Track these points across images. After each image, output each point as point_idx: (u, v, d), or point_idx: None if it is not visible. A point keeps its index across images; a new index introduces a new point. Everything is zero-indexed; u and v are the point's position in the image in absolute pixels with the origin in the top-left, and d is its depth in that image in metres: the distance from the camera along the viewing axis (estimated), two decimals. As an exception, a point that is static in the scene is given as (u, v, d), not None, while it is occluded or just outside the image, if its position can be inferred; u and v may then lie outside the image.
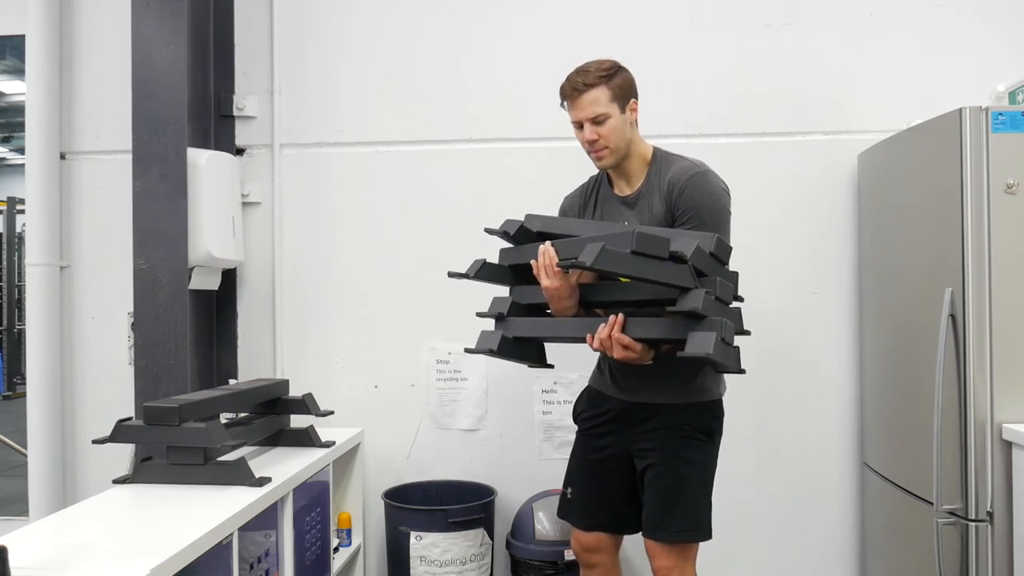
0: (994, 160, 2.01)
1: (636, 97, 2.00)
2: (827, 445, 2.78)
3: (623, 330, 1.75)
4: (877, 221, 2.57)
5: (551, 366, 2.09)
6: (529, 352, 2.00)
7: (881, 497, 2.54)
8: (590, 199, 2.15)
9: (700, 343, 1.64)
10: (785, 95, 2.79)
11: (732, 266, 2.78)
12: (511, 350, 1.97)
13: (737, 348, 1.79)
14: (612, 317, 1.76)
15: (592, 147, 1.99)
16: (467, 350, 2.00)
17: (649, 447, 1.98)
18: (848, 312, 2.77)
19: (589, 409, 2.16)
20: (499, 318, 1.99)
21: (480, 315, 2.02)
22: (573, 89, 1.97)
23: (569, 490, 2.17)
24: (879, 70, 2.78)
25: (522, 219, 2.04)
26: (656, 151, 2.06)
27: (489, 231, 2.02)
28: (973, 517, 2.02)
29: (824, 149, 2.78)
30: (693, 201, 1.90)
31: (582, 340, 1.82)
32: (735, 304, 1.87)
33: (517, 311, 2.00)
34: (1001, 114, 2.01)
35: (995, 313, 2.02)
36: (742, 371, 1.81)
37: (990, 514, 2.01)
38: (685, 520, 1.94)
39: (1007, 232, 2.01)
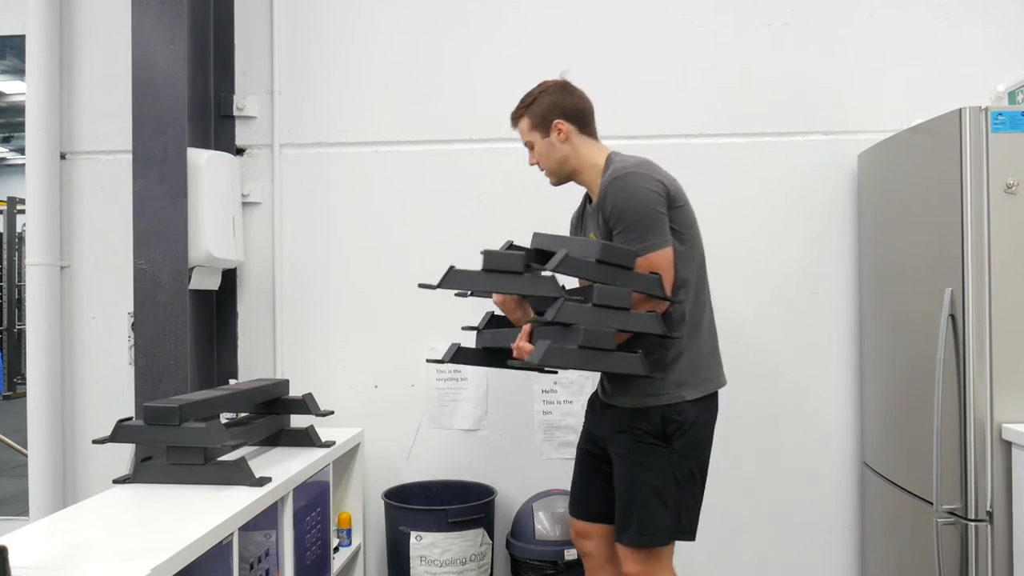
0: (994, 160, 2.01)
1: (562, 116, 2.04)
2: (827, 445, 2.78)
3: (529, 338, 1.85)
4: (877, 221, 2.57)
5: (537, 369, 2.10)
6: (497, 359, 2.06)
7: (881, 497, 2.54)
8: (580, 214, 2.23)
9: (533, 353, 1.75)
10: (785, 95, 2.80)
11: (732, 266, 2.81)
12: (468, 358, 2.11)
13: (630, 354, 1.83)
14: (525, 326, 1.89)
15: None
16: (428, 360, 2.20)
17: (613, 449, 2.02)
18: (848, 312, 2.77)
19: (589, 404, 2.23)
20: (475, 329, 2.15)
21: (465, 328, 2.18)
22: (510, 120, 2.14)
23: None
24: (879, 70, 2.78)
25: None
26: (609, 157, 2.05)
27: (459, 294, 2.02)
28: (973, 517, 2.02)
29: (824, 149, 2.78)
30: (616, 207, 1.91)
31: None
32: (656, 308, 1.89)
33: (493, 323, 2.15)
34: (1001, 114, 2.01)
35: (995, 313, 2.02)
36: (646, 375, 1.84)
37: (990, 514, 2.01)
38: (637, 525, 1.92)
39: (1007, 232, 2.01)
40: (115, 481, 1.91)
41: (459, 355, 2.08)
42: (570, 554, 2.46)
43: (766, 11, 2.81)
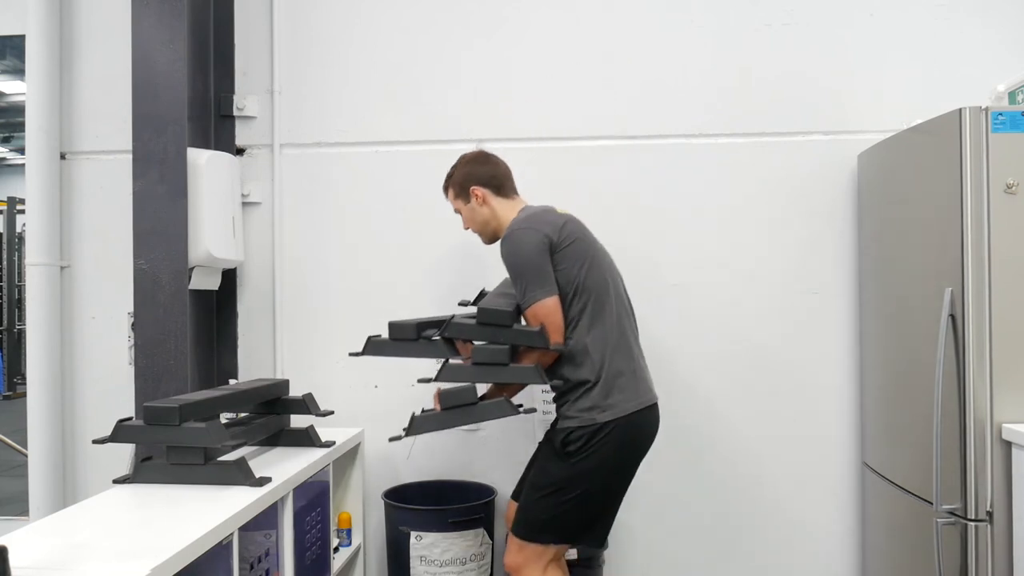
0: (994, 160, 2.01)
1: (478, 183, 2.27)
2: (827, 445, 2.78)
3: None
4: (877, 221, 2.57)
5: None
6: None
7: (881, 497, 2.54)
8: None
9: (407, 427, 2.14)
10: (785, 95, 2.80)
11: (732, 266, 2.81)
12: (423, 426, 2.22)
13: (461, 408, 2.10)
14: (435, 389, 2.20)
15: None
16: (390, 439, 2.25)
17: (536, 452, 2.33)
18: (848, 312, 2.77)
19: None
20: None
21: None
22: (443, 193, 2.40)
23: None
24: (879, 70, 2.78)
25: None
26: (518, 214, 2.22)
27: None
28: (973, 517, 2.02)
29: (824, 149, 2.78)
30: (507, 263, 2.13)
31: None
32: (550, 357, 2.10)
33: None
34: (1001, 114, 2.01)
35: (995, 313, 2.02)
36: (474, 428, 2.11)
37: (990, 514, 2.01)
38: (522, 517, 2.13)
39: (1007, 232, 2.01)
40: (115, 481, 1.91)
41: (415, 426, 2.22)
42: (570, 554, 2.46)
43: (766, 11, 2.81)
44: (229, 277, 2.90)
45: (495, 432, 2.87)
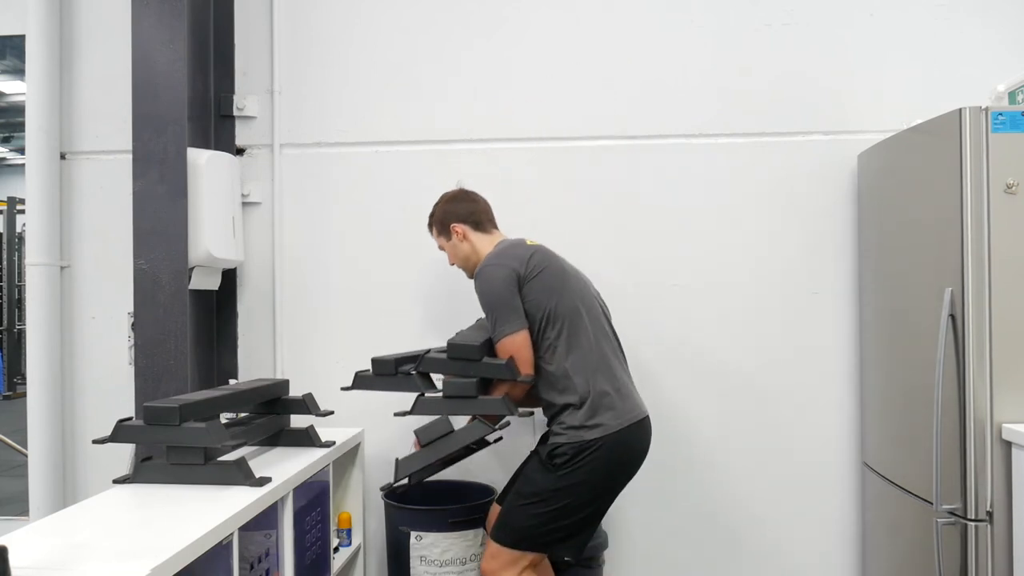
0: (994, 160, 2.01)
1: (457, 220, 2.36)
2: (827, 445, 2.78)
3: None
4: (877, 221, 2.57)
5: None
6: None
7: (881, 497, 2.54)
8: None
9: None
10: (785, 95, 2.80)
11: (733, 267, 2.81)
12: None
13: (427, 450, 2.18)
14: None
15: None
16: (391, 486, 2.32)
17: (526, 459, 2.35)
18: (848, 312, 2.77)
19: None
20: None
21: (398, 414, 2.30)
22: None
23: None
24: (879, 70, 2.78)
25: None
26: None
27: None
28: (973, 517, 2.02)
29: (824, 149, 2.78)
30: (480, 299, 2.20)
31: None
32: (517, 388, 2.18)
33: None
34: (1001, 114, 2.01)
35: (995, 313, 2.02)
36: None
37: (990, 514, 2.01)
38: (501, 520, 2.18)
39: (1007, 232, 2.01)
40: (115, 481, 1.91)
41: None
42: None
43: (766, 11, 2.81)
44: (229, 277, 2.90)
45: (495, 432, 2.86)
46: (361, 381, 2.31)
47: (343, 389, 2.37)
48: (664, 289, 2.80)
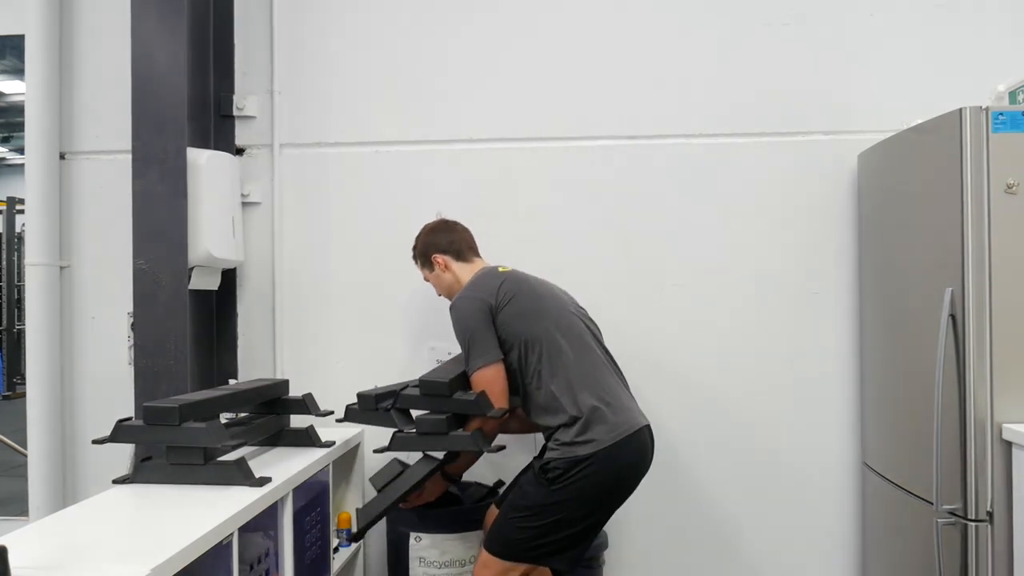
0: (994, 160, 2.01)
1: (438, 251, 2.41)
2: (827, 445, 2.78)
3: None
4: (877, 221, 2.57)
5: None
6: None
7: (881, 497, 2.54)
8: None
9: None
10: (785, 95, 2.79)
11: (732, 267, 2.81)
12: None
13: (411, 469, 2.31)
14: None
15: None
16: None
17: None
18: (848, 312, 2.77)
19: None
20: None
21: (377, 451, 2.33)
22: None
23: None
24: (879, 70, 2.78)
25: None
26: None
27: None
28: (973, 517, 2.02)
29: (824, 149, 2.78)
30: (455, 332, 2.22)
31: None
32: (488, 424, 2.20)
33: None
34: (1001, 114, 2.01)
35: (995, 313, 2.02)
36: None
37: (990, 514, 2.01)
38: (494, 530, 2.18)
39: (1007, 232, 2.01)
40: (115, 481, 1.91)
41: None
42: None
43: (766, 11, 2.81)
44: (229, 277, 2.90)
45: (495, 432, 2.86)
46: (351, 414, 2.35)
47: (338, 421, 2.39)
48: (664, 289, 2.80)
